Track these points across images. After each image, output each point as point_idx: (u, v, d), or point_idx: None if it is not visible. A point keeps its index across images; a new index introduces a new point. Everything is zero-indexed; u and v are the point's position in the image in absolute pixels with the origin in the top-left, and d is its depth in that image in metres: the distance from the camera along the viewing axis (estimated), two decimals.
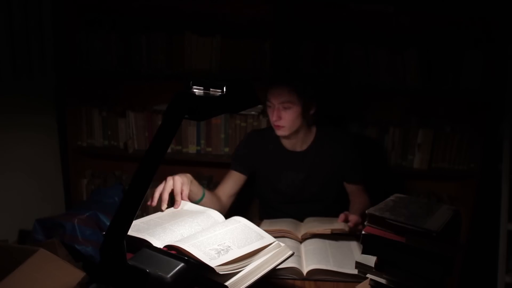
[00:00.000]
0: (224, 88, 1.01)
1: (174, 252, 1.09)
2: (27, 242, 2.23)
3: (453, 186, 2.71)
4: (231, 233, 1.21)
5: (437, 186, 2.73)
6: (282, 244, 1.28)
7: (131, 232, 1.24)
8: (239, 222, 1.30)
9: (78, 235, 2.05)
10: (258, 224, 1.82)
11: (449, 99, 2.54)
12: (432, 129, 2.51)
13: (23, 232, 2.39)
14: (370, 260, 1.02)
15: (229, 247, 1.14)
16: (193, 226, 1.30)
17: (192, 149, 2.67)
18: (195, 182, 1.71)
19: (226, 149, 2.63)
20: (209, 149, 2.66)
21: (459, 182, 2.67)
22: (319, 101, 1.94)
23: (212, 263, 1.04)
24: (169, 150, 2.58)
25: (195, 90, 1.05)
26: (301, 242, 1.63)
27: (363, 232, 0.99)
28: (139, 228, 1.26)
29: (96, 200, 2.36)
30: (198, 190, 1.73)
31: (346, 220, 1.64)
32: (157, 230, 1.25)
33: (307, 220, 1.84)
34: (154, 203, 1.51)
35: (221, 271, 1.04)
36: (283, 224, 1.74)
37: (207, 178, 2.77)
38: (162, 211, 1.48)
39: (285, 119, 1.85)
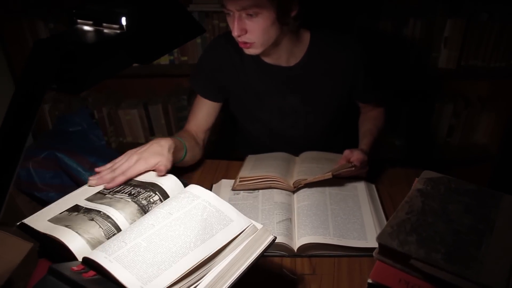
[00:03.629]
0: (124, 20, 0.59)
1: (94, 274, 0.76)
2: None
3: (485, 86, 2.37)
4: (183, 224, 0.87)
5: (466, 87, 2.42)
6: (260, 226, 0.94)
7: (47, 228, 0.92)
8: (198, 199, 0.95)
9: (36, 181, 1.78)
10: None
11: None
12: (464, 19, 2.07)
13: None
14: None
15: (176, 253, 0.80)
16: (134, 207, 0.97)
17: (164, 59, 2.28)
18: (178, 146, 1.32)
19: None
20: (184, 58, 2.28)
21: (494, 81, 2.31)
22: None
23: None
24: (135, 64, 2.23)
25: (84, 28, 0.64)
26: (293, 192, 1.33)
27: (368, 281, 0.63)
28: (61, 217, 0.94)
29: (62, 130, 2.05)
30: (179, 153, 1.35)
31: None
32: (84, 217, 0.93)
33: (303, 155, 1.52)
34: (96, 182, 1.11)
35: None
36: (270, 166, 1.42)
37: (188, 92, 2.41)
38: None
39: (252, 33, 1.34)
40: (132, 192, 1.04)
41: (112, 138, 2.45)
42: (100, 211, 0.96)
